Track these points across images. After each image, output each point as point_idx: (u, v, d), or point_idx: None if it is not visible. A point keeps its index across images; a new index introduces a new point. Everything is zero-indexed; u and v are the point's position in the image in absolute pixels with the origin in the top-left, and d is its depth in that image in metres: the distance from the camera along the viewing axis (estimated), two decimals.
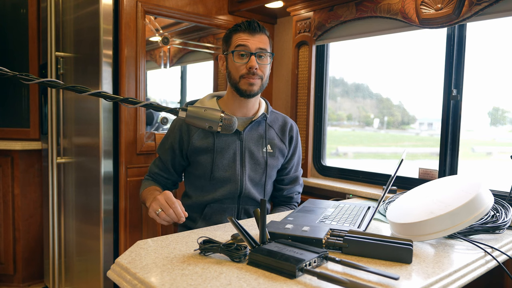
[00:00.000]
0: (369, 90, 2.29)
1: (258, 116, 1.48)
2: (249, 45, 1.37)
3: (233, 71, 1.40)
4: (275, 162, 1.52)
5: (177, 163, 1.50)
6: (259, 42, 1.38)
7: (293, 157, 1.59)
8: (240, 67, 1.38)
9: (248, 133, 1.47)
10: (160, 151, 1.52)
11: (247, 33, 1.38)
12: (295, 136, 1.58)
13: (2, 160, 2.44)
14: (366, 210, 1.42)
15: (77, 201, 2.09)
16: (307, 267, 0.83)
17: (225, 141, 1.44)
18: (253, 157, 1.47)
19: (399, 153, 2.22)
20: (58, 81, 0.94)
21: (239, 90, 1.40)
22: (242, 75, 1.38)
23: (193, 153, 1.45)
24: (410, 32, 1.85)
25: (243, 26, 1.39)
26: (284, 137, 1.55)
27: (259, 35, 1.39)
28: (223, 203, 1.46)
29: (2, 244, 2.47)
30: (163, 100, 2.56)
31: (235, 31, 1.41)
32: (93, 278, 1.98)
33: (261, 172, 1.48)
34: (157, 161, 1.54)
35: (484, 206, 1.06)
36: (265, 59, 1.41)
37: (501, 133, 1.76)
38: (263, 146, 1.48)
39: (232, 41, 1.40)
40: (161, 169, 1.52)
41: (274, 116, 1.56)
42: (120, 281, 0.87)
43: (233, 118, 1.04)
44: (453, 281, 0.90)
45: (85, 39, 1.97)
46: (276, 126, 1.54)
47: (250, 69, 1.36)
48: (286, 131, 1.55)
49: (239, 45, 1.37)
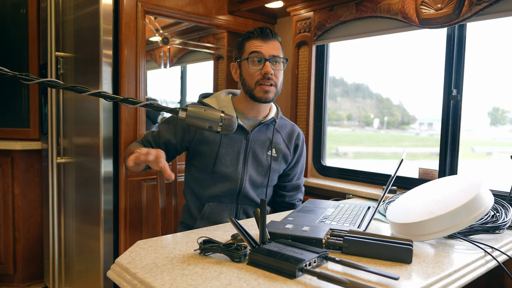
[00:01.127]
0: (369, 90, 2.29)
1: (267, 119, 1.48)
2: (263, 52, 1.37)
3: (248, 78, 1.40)
4: (277, 166, 1.53)
5: (172, 146, 1.47)
6: (273, 49, 1.39)
7: (297, 164, 1.60)
8: (255, 74, 1.38)
9: (255, 134, 1.48)
10: (161, 125, 1.49)
11: (260, 40, 1.38)
12: (300, 145, 1.59)
13: (2, 160, 2.44)
14: (366, 210, 1.42)
15: (77, 201, 2.09)
16: (307, 267, 0.83)
17: (232, 138, 1.45)
18: (257, 159, 1.47)
19: (399, 153, 2.22)
20: (58, 81, 0.94)
21: (254, 97, 1.40)
22: (258, 81, 1.38)
23: (199, 143, 1.44)
24: (410, 32, 1.85)
25: (256, 33, 1.39)
26: (290, 144, 1.56)
27: (272, 42, 1.40)
28: (221, 201, 1.46)
29: (2, 244, 2.47)
30: (163, 100, 2.56)
31: (248, 38, 1.41)
32: (93, 278, 1.98)
33: (263, 175, 1.49)
34: (154, 131, 1.50)
35: (484, 206, 1.06)
36: (279, 65, 1.41)
37: (501, 133, 1.76)
38: (268, 149, 1.49)
39: (246, 48, 1.40)
40: (154, 140, 1.48)
41: (283, 122, 1.58)
42: (120, 281, 0.87)
43: (233, 118, 1.04)
44: (453, 281, 0.90)
45: (85, 39, 1.97)
46: (283, 132, 1.55)
47: (265, 75, 1.37)
48: (293, 138, 1.57)
49: (253, 51, 1.38)
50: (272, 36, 1.40)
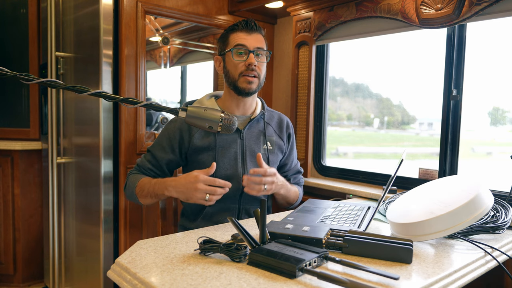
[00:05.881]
0: (369, 90, 2.29)
1: (256, 114, 1.51)
2: (247, 44, 1.40)
3: (232, 69, 1.42)
4: (275, 158, 1.55)
5: (173, 163, 1.47)
6: (256, 41, 1.42)
7: (291, 151, 1.64)
8: (239, 65, 1.40)
9: (248, 131, 1.49)
10: (154, 148, 1.47)
11: (245, 32, 1.41)
12: (292, 132, 1.64)
13: (2, 160, 2.44)
14: (366, 210, 1.42)
15: (77, 201, 2.09)
16: (307, 267, 0.83)
17: (226, 140, 1.45)
18: (254, 155, 1.48)
19: (399, 153, 2.22)
20: (58, 81, 0.94)
21: (237, 88, 1.42)
22: (241, 73, 1.40)
23: (194, 152, 1.44)
24: (410, 32, 1.85)
25: (240, 25, 1.42)
26: (282, 134, 1.58)
27: (256, 34, 1.43)
28: (224, 202, 1.46)
29: (2, 244, 2.47)
30: (163, 100, 2.56)
31: (233, 31, 1.43)
32: (93, 278, 1.98)
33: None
34: (148, 157, 1.47)
35: (484, 206, 1.06)
36: (262, 58, 1.44)
37: (501, 133, 1.76)
38: (263, 143, 1.51)
39: (230, 41, 1.43)
40: (154, 165, 1.46)
41: (270, 114, 1.60)
42: (120, 281, 0.87)
43: (233, 118, 1.04)
44: (453, 281, 0.90)
45: (85, 39, 1.97)
46: (273, 123, 1.58)
47: (249, 66, 1.39)
48: (283, 128, 1.59)
49: (238, 44, 1.40)
50: (256, 29, 1.43)
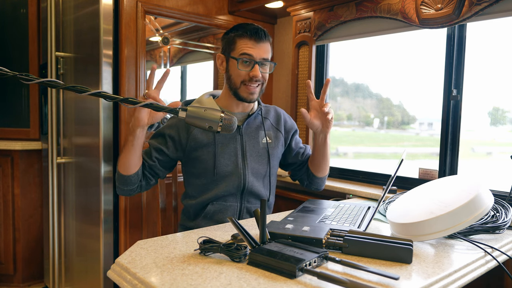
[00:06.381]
0: (369, 90, 2.29)
1: (255, 110, 1.52)
2: (254, 55, 1.38)
3: (235, 76, 1.41)
4: (275, 151, 1.55)
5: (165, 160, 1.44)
6: (263, 52, 1.40)
7: (295, 134, 1.63)
8: (243, 74, 1.40)
9: (246, 127, 1.50)
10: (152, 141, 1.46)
11: (253, 41, 1.38)
12: (288, 121, 1.62)
13: (2, 160, 2.44)
14: (366, 210, 1.42)
15: (77, 201, 2.09)
16: (307, 267, 0.83)
17: (226, 136, 1.46)
18: (255, 149, 1.49)
19: (399, 153, 2.22)
20: (58, 81, 0.94)
21: (238, 95, 1.42)
22: (244, 81, 1.40)
23: (193, 149, 1.44)
24: (410, 32, 1.85)
25: (249, 33, 1.38)
26: (279, 126, 1.59)
27: (264, 44, 1.40)
28: (225, 200, 1.46)
29: (2, 244, 2.47)
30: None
31: (241, 36, 1.39)
32: (93, 278, 1.98)
33: (265, 163, 1.50)
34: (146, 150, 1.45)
35: (484, 206, 1.06)
36: (267, 68, 1.44)
37: (501, 133, 1.76)
38: (263, 137, 1.51)
39: (237, 47, 1.40)
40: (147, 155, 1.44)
41: (266, 109, 1.61)
42: (120, 281, 0.87)
43: (233, 118, 1.04)
44: (453, 281, 0.90)
45: (85, 39, 1.97)
46: (270, 117, 1.58)
47: (252, 77, 1.39)
48: (280, 120, 1.60)
49: (244, 53, 1.38)
50: (264, 38, 1.41)
